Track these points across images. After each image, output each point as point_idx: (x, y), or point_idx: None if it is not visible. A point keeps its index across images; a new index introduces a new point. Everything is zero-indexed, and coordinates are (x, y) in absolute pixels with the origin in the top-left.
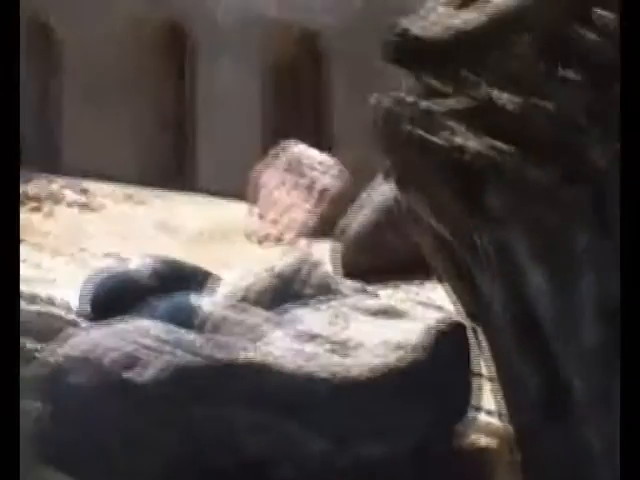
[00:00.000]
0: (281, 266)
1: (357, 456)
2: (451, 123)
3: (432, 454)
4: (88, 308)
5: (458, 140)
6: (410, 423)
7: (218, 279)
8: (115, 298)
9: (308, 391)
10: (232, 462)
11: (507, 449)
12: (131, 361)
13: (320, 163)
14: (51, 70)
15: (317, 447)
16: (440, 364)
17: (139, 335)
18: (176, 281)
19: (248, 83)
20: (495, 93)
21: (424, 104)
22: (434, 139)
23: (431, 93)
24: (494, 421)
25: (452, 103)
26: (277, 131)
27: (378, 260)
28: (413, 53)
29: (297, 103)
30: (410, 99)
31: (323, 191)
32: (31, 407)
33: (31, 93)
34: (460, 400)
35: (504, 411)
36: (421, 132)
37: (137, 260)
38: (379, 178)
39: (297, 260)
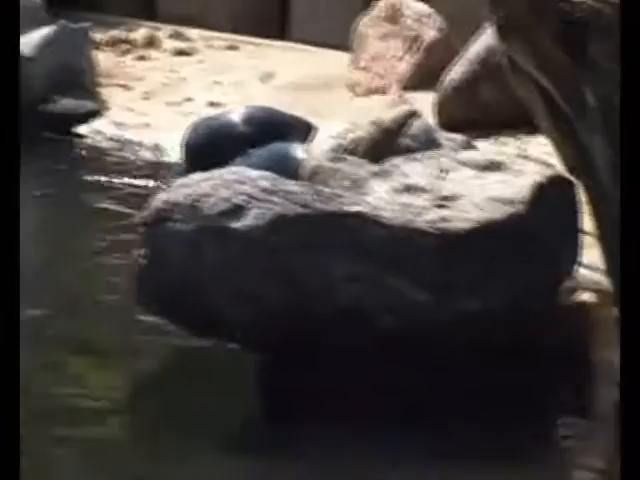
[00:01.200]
0: (384, 118)
1: (457, 309)
2: None
3: (534, 309)
4: (189, 155)
5: None
6: (512, 278)
7: (319, 130)
8: (215, 146)
9: (410, 244)
10: (332, 311)
11: (607, 304)
12: (237, 210)
13: (420, 13)
14: None
15: (416, 299)
16: (545, 220)
17: (246, 184)
18: (276, 130)
19: None
20: None
21: None
22: None
23: None
24: (595, 276)
25: None
26: None
27: (474, 112)
28: None
29: None
30: None
31: (422, 41)
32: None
33: None
34: (565, 256)
35: (605, 267)
36: None
37: (236, 108)
38: (478, 29)
39: (400, 112)
